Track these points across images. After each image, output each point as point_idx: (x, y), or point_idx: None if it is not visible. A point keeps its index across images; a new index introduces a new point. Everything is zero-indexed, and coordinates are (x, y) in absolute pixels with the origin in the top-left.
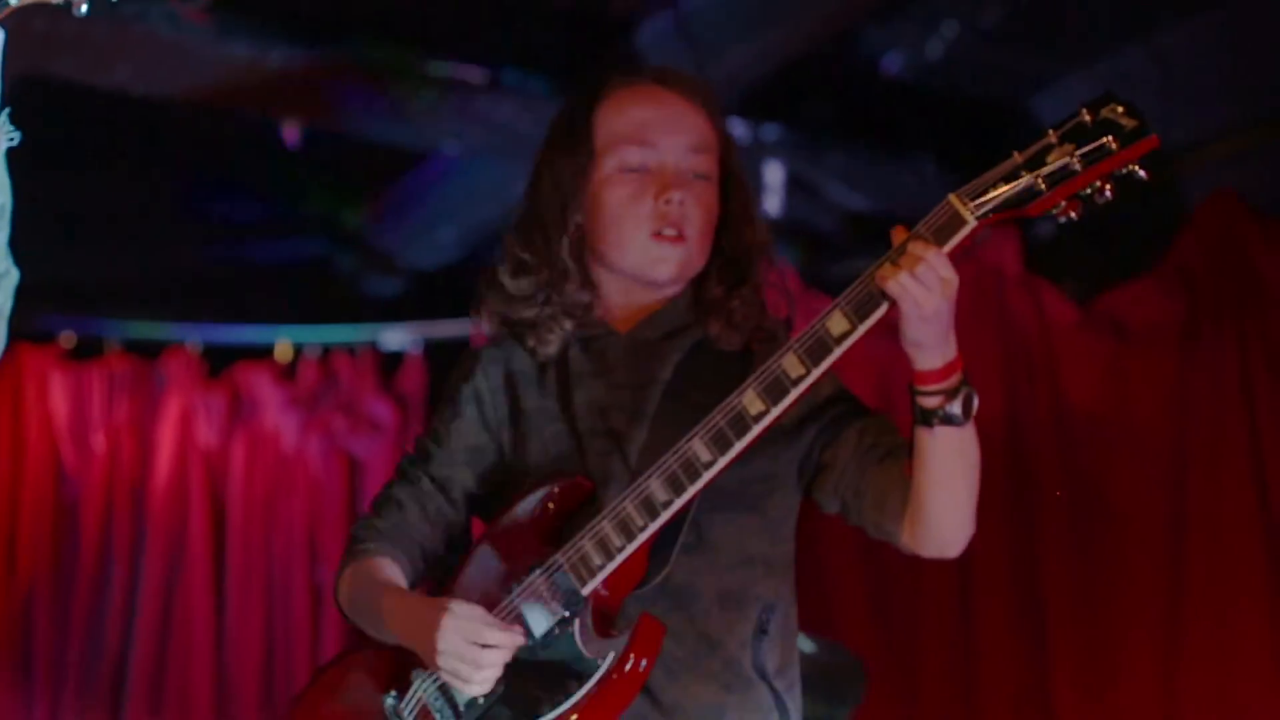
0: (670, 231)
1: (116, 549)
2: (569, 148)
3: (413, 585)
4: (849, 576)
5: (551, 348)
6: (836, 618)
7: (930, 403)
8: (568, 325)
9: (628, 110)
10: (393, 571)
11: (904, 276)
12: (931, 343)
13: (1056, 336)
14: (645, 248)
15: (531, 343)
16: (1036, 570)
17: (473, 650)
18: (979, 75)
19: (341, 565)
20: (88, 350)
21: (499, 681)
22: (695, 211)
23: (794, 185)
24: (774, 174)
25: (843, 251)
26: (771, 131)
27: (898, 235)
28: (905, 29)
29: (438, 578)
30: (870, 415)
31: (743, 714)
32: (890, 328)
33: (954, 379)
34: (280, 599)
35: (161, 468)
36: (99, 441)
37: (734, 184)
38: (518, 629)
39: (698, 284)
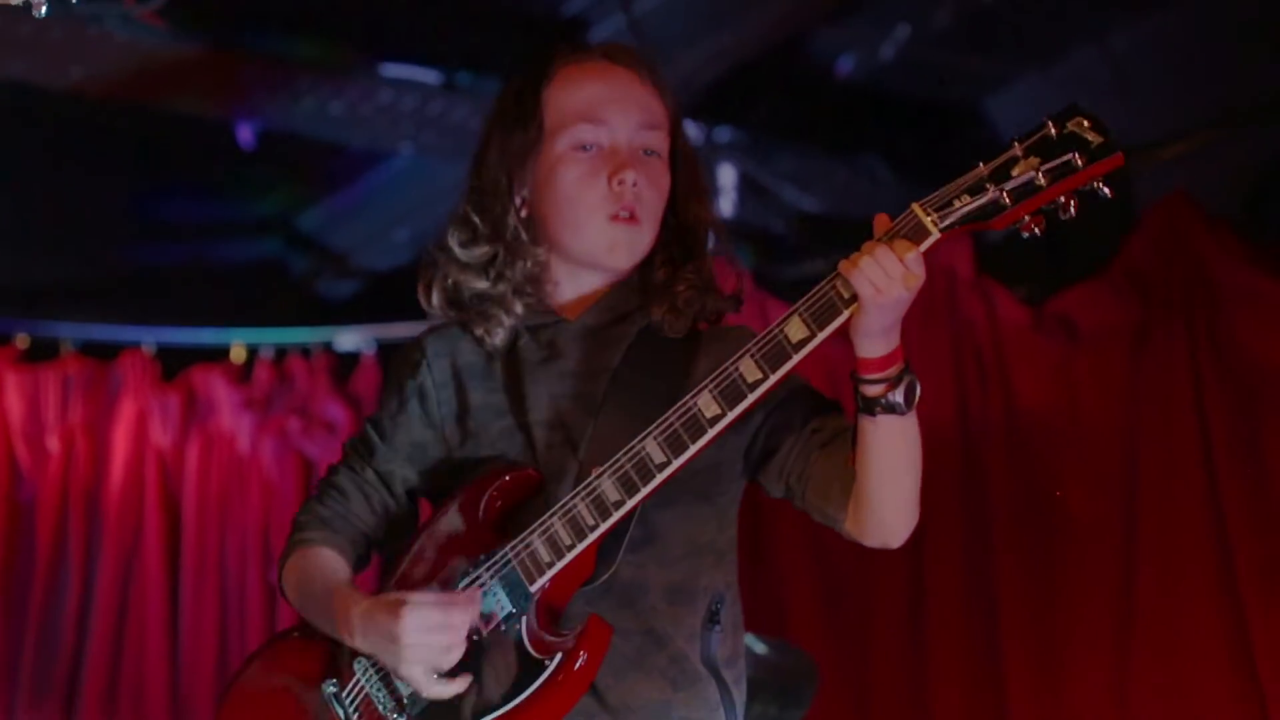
0: (624, 214)
1: (72, 550)
2: (518, 122)
3: (356, 572)
4: (801, 578)
5: (499, 338)
6: (789, 619)
7: (873, 391)
8: (518, 308)
9: (578, 87)
10: (336, 564)
11: (863, 261)
12: (878, 331)
13: (1008, 338)
14: (600, 231)
15: (480, 331)
16: (988, 569)
17: (438, 635)
18: (931, 77)
19: (285, 551)
20: (42, 352)
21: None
22: (648, 192)
23: (746, 187)
24: (726, 176)
25: (795, 253)
26: (724, 133)
27: (879, 225)
28: (858, 31)
29: (385, 559)
30: (815, 400)
31: (689, 711)
32: (842, 328)
33: (895, 368)
34: (235, 599)
35: (116, 469)
36: (54, 443)
37: (682, 159)
38: (475, 594)
39: (644, 266)
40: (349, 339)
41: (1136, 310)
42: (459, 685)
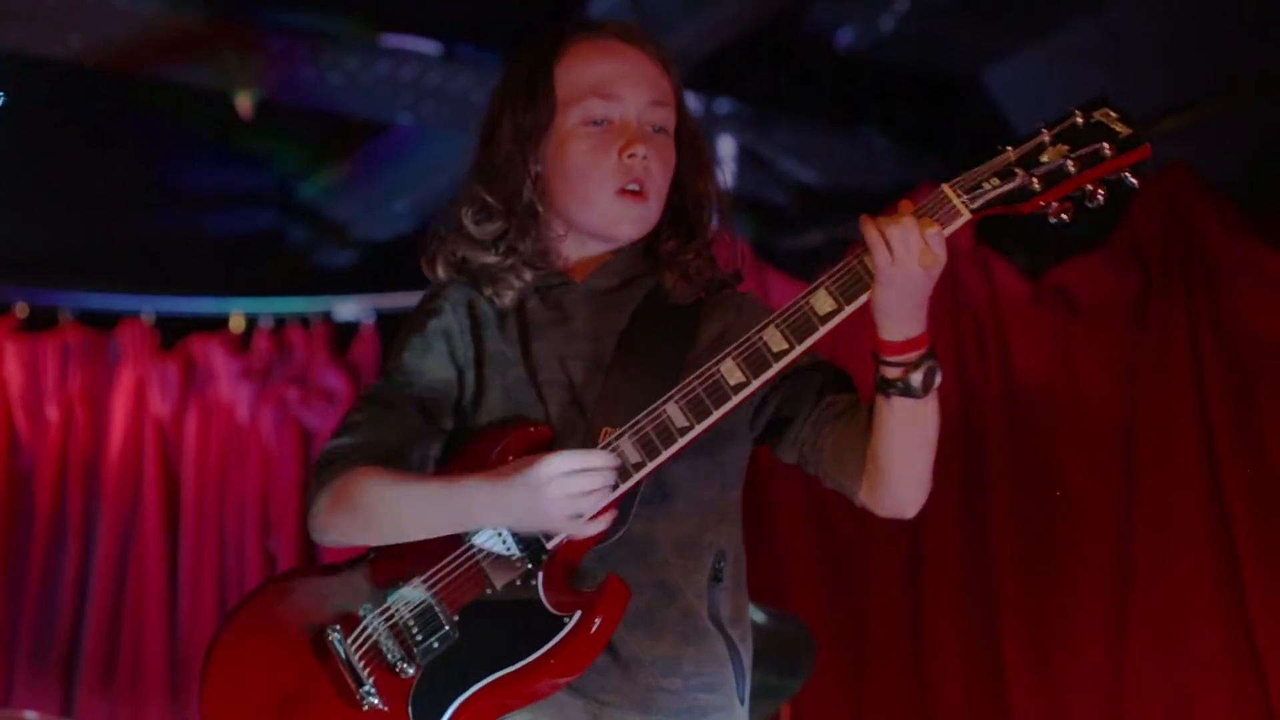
0: (633, 187)
1: (70, 519)
2: (529, 98)
3: None
4: (801, 549)
5: (508, 299)
6: (788, 589)
7: (891, 373)
8: (528, 276)
9: (591, 64)
10: (390, 472)
11: (888, 228)
12: (897, 313)
13: (1007, 310)
14: (610, 205)
15: (489, 292)
16: (986, 542)
17: (581, 478)
18: (930, 49)
19: (317, 488)
20: (42, 321)
21: (455, 626)
22: (656, 166)
23: (746, 159)
24: (726, 147)
25: (794, 224)
26: (723, 105)
27: (904, 209)
28: (857, 3)
29: None
30: (829, 370)
31: (699, 665)
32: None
33: (916, 354)
34: (234, 569)
35: (115, 438)
36: (53, 412)
37: (688, 137)
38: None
39: (650, 236)
40: (348, 309)
41: (1136, 282)
42: (600, 524)
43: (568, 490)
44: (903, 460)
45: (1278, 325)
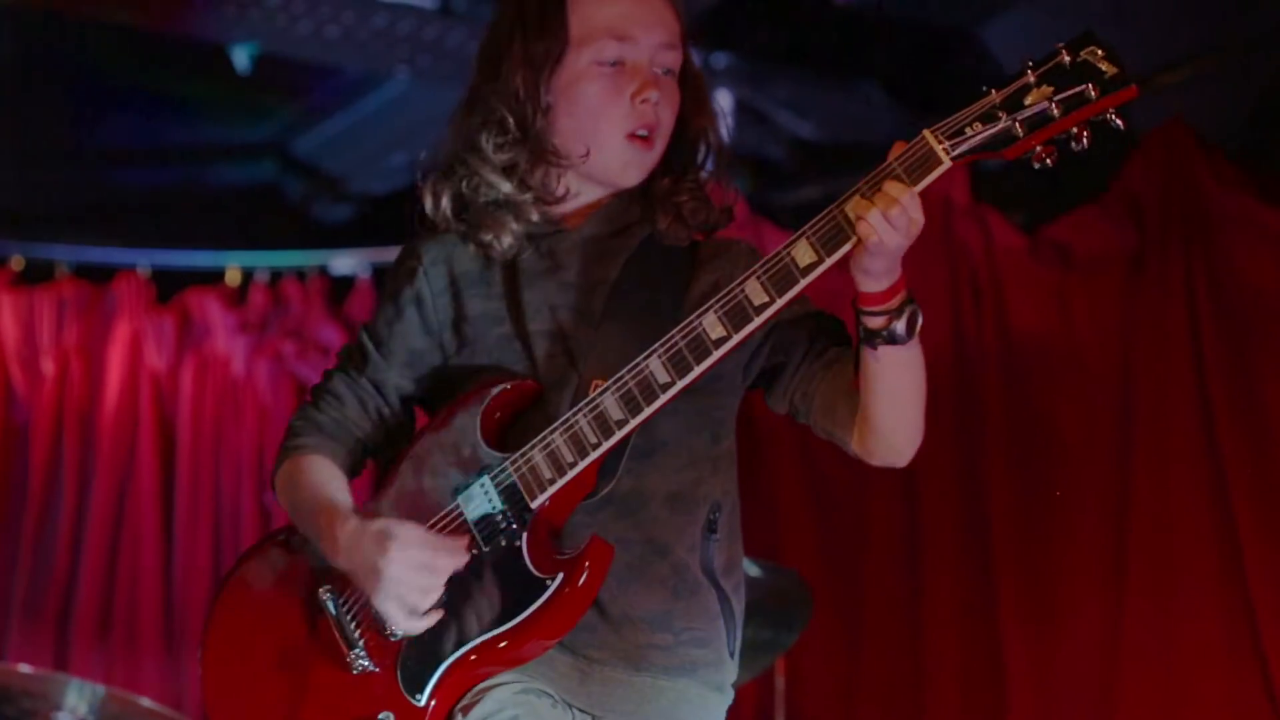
0: (643, 133)
1: (66, 472)
2: (541, 29)
3: (351, 478)
4: (795, 503)
5: (507, 243)
6: (783, 544)
7: (875, 323)
8: (533, 215)
9: (605, 3)
10: (330, 473)
11: (875, 216)
12: (881, 272)
13: (1003, 264)
14: (620, 149)
15: (488, 237)
16: (982, 496)
17: (421, 576)
18: (928, 3)
19: (280, 457)
20: (37, 274)
21: (442, 593)
22: (666, 112)
23: (743, 113)
24: (723, 101)
25: (792, 179)
26: (721, 59)
27: (895, 151)
28: None
29: (380, 468)
30: (819, 319)
31: (690, 620)
32: (844, 264)
33: (898, 299)
34: (229, 523)
35: (111, 392)
36: (48, 365)
37: (690, 75)
38: (463, 543)
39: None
40: (344, 263)
41: (1132, 237)
42: (430, 621)
43: (406, 583)
44: (895, 408)
45: (1274, 280)
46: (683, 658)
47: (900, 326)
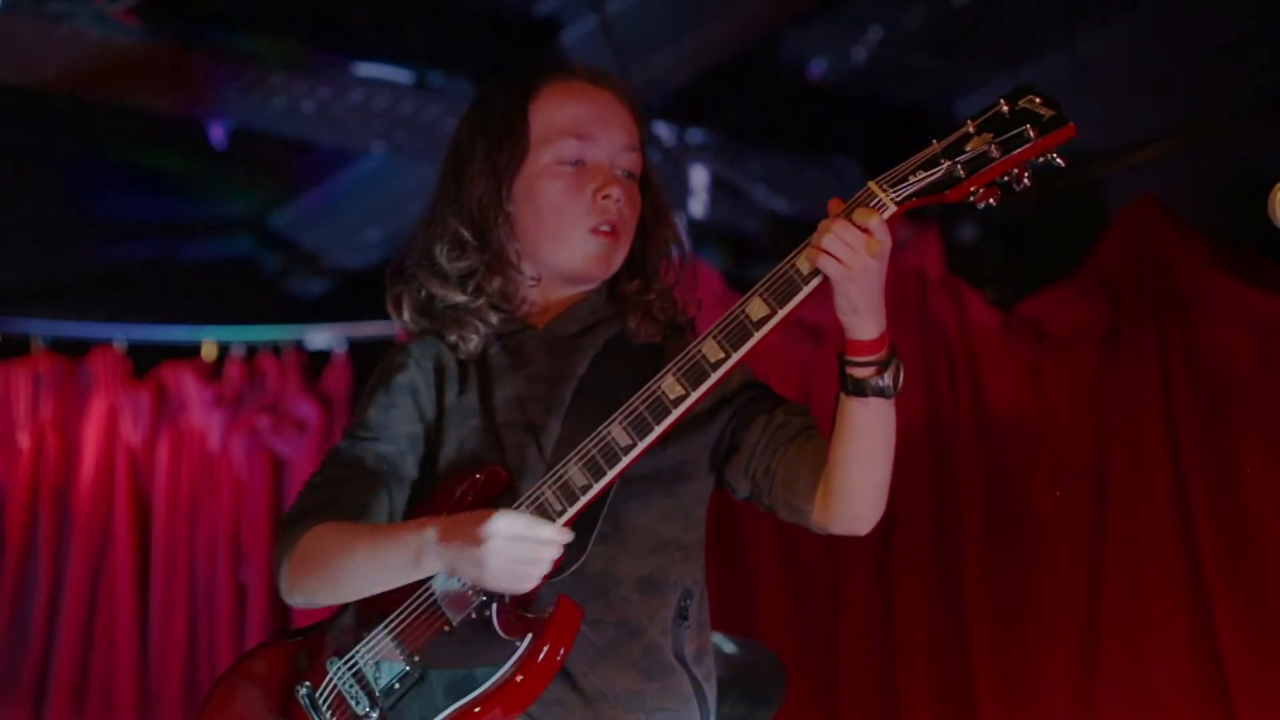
0: (606, 228)
1: (41, 546)
2: (503, 135)
3: None
4: (770, 578)
5: (473, 344)
6: (757, 619)
7: (863, 373)
8: (493, 319)
9: (565, 105)
10: (357, 523)
11: (824, 241)
12: (866, 306)
13: (978, 340)
14: (584, 242)
15: (453, 338)
16: (957, 570)
17: (522, 546)
18: (902, 80)
19: (281, 550)
20: (13, 349)
21: (416, 666)
22: (628, 211)
23: (718, 188)
24: (698, 177)
25: (766, 254)
26: (696, 135)
27: (833, 207)
28: (829, 34)
29: None
30: (780, 400)
31: (664, 702)
32: (811, 329)
33: (885, 350)
34: (204, 597)
35: (87, 466)
36: (24, 440)
37: (650, 183)
38: (566, 530)
39: (612, 280)
40: (320, 337)
41: (1106, 314)
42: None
43: (511, 554)
44: (868, 466)
45: (1246, 355)
46: None
47: (888, 379)
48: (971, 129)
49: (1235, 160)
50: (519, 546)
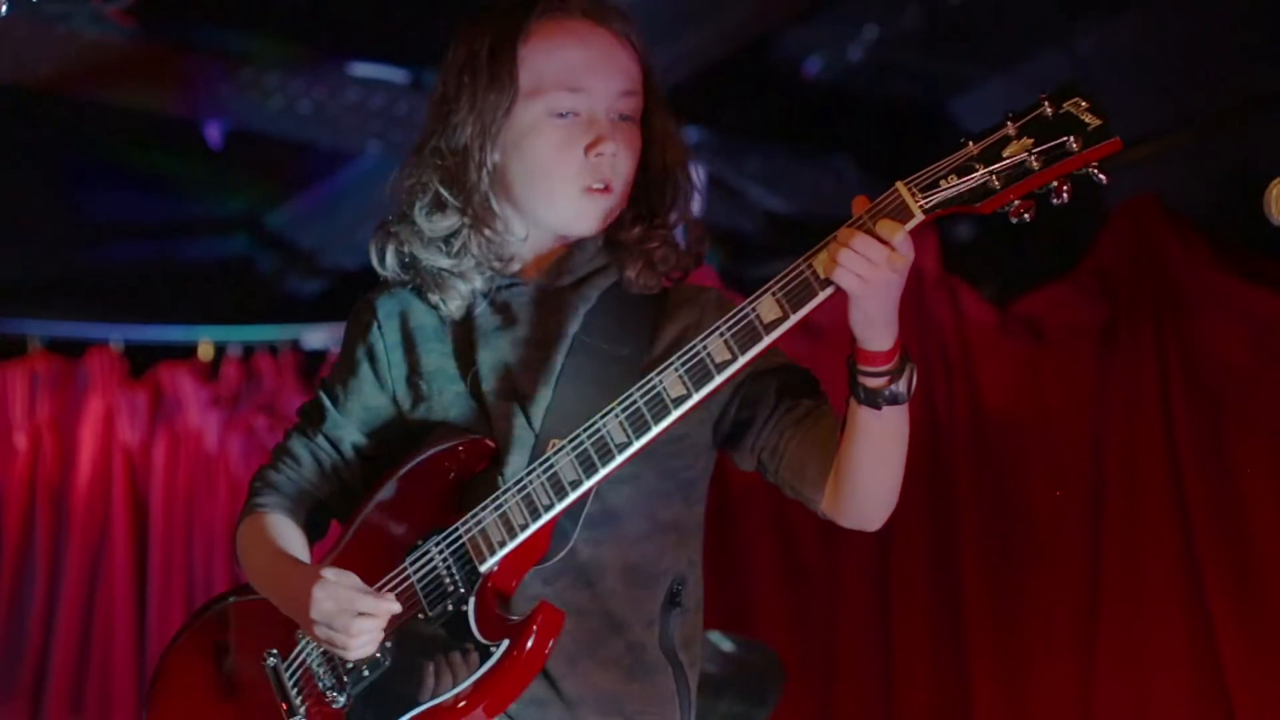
0: (599, 185)
1: (38, 547)
2: (491, 79)
3: (311, 538)
4: (767, 576)
5: (455, 307)
6: (754, 617)
7: (876, 384)
8: (478, 282)
9: (558, 49)
10: (285, 529)
11: (841, 255)
12: (882, 319)
13: (974, 338)
14: (574, 201)
15: (434, 298)
16: (954, 567)
17: (344, 618)
18: (899, 78)
19: (239, 519)
20: (10, 349)
21: (386, 653)
22: (623, 160)
23: (714, 188)
24: (695, 176)
25: (763, 253)
26: (692, 134)
27: (858, 206)
28: (826, 32)
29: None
30: (791, 372)
31: (644, 704)
32: (811, 328)
33: (897, 359)
34: (202, 597)
35: (84, 466)
36: (21, 440)
37: (656, 116)
38: (391, 598)
39: (612, 224)
40: (316, 337)
41: (1103, 311)
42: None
43: (331, 623)
44: (881, 471)
45: (1244, 354)
46: None
47: (901, 386)
48: (1011, 131)
49: (1232, 157)
50: (338, 619)
